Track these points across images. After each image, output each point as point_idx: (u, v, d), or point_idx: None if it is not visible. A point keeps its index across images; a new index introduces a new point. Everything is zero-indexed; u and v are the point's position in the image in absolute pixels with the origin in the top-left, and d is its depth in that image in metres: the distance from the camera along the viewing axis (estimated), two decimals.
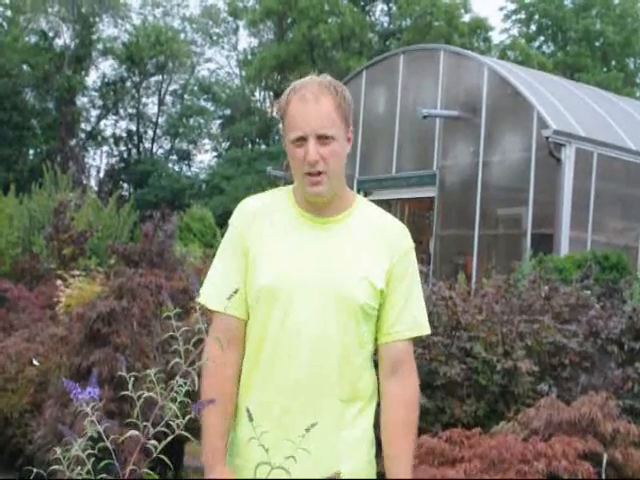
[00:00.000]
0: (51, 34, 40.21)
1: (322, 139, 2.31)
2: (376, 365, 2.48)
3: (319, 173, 2.33)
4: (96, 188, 24.53)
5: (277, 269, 2.36)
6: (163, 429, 1.87)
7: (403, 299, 2.42)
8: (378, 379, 2.46)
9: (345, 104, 2.36)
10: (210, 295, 2.38)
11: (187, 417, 1.88)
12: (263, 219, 2.42)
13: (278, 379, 2.35)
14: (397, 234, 2.46)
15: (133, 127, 43.91)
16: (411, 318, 2.44)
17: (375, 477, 2.45)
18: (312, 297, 2.33)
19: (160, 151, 45.19)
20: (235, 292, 2.16)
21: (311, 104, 2.31)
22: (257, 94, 44.91)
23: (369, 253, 2.39)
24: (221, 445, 2.36)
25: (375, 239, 2.41)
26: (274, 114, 40.45)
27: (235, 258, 2.42)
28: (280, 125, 2.48)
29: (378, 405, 2.47)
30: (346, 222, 2.42)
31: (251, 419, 2.05)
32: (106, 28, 42.84)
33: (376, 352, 2.48)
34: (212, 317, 2.44)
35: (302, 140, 2.32)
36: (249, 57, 43.93)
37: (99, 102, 43.05)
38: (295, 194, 2.46)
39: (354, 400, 2.38)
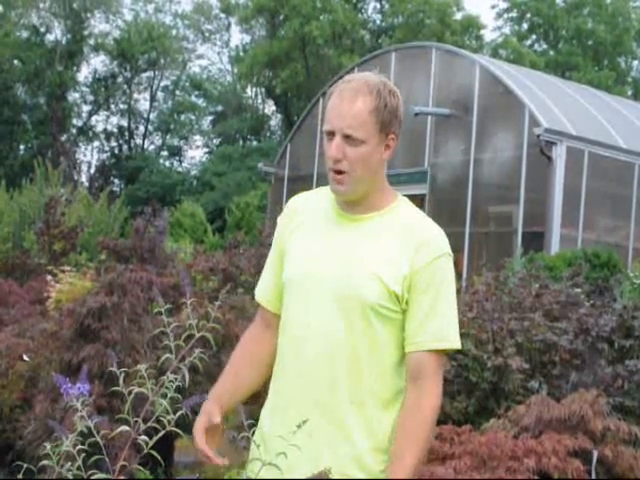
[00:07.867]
0: (43, 29, 40.03)
1: (349, 140, 2.23)
2: None
3: (341, 172, 2.26)
4: (87, 184, 24.47)
5: (297, 263, 2.36)
6: (154, 425, 1.87)
7: (427, 308, 2.26)
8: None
9: (385, 109, 2.25)
10: (258, 286, 2.56)
11: (178, 413, 1.88)
12: (302, 215, 2.43)
13: (287, 373, 2.34)
14: (427, 240, 2.28)
15: (124, 123, 43.81)
16: (436, 330, 2.26)
17: None
18: (323, 292, 2.29)
19: (151, 147, 45.11)
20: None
21: (346, 102, 2.23)
22: (249, 91, 44.81)
23: (388, 253, 2.27)
24: (221, 388, 2.45)
25: (401, 241, 2.28)
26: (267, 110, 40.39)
27: (274, 255, 2.50)
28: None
29: None
30: (374, 221, 2.32)
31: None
32: (98, 24, 42.70)
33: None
34: None
35: (331, 135, 2.26)
36: (241, 54, 43.80)
37: (90, 98, 42.90)
38: None
39: (367, 404, 2.26)
